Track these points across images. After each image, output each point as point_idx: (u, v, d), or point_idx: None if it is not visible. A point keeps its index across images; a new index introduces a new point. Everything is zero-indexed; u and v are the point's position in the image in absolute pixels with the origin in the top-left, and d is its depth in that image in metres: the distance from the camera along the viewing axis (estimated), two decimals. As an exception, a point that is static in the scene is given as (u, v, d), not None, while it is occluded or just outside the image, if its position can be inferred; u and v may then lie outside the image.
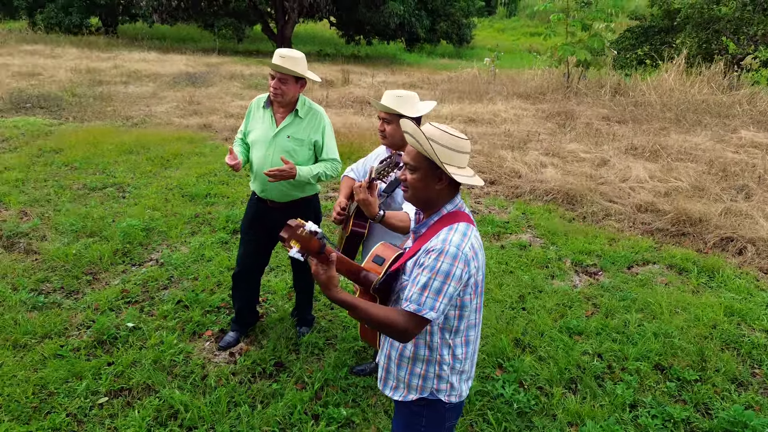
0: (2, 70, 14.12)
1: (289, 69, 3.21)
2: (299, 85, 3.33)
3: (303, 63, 3.28)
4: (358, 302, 1.90)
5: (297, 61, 3.23)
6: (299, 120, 3.41)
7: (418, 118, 2.97)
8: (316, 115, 3.46)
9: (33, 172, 6.85)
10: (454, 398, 2.11)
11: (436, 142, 1.95)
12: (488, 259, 5.24)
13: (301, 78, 3.31)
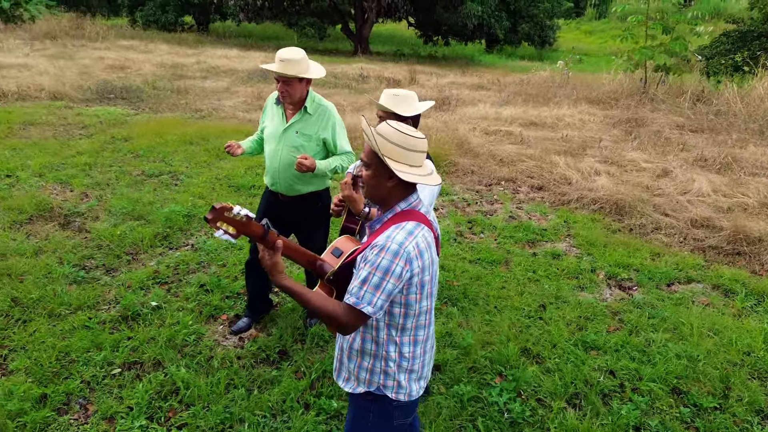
0: (98, 63, 15.28)
1: (289, 74, 3.31)
2: (304, 83, 3.42)
3: (303, 63, 3.36)
4: (301, 290, 1.95)
5: (297, 63, 3.32)
6: (308, 116, 3.51)
7: (414, 117, 2.98)
8: (325, 112, 3.54)
9: (101, 157, 7.40)
10: (403, 396, 2.12)
11: (386, 139, 1.97)
12: (516, 266, 5.13)
13: (303, 78, 3.40)
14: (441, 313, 4.31)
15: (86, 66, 14.82)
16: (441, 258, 5.13)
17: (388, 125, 2.00)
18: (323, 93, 13.83)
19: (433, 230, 2.10)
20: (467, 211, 6.45)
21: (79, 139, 8.24)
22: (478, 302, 4.49)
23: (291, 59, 3.30)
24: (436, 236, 2.16)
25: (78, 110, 10.13)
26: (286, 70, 3.30)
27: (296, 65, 3.31)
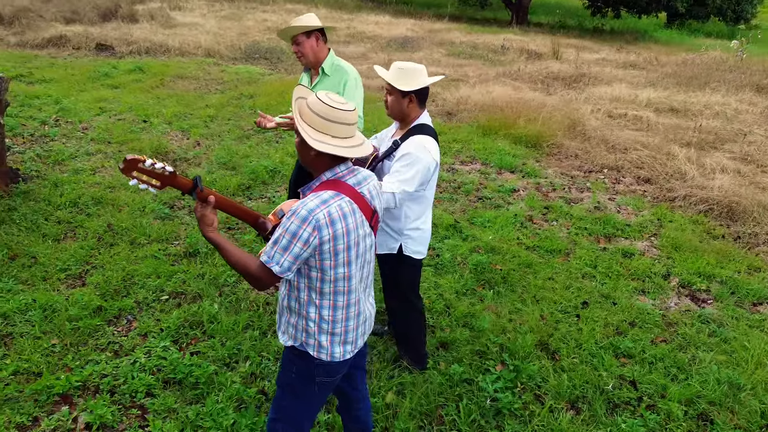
0: (258, 25, 16.60)
1: (286, 31, 3.52)
2: (313, 40, 3.55)
3: (304, 19, 3.53)
4: (224, 244, 2.14)
5: (298, 20, 3.51)
6: (326, 77, 3.64)
7: (419, 92, 2.96)
8: (340, 72, 3.65)
9: (224, 111, 8.21)
10: (324, 356, 2.23)
11: (310, 109, 2.05)
12: (576, 258, 4.85)
13: (312, 32, 3.52)
14: (474, 294, 4.27)
15: (247, 27, 16.20)
16: (493, 240, 5.02)
17: (317, 96, 2.07)
18: (456, 62, 13.71)
19: (364, 202, 2.14)
20: (550, 197, 6.14)
21: (213, 93, 9.18)
22: (516, 289, 4.36)
23: (295, 21, 3.50)
24: (372, 209, 2.20)
25: (223, 67, 11.22)
26: (284, 30, 3.53)
27: (296, 22, 3.50)
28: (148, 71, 10.20)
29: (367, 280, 2.30)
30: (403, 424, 3.05)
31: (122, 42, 12.19)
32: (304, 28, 3.54)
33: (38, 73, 9.46)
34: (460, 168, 6.77)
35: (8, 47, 11.71)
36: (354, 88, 3.65)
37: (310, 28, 3.56)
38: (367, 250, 2.21)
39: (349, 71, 3.65)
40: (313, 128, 2.05)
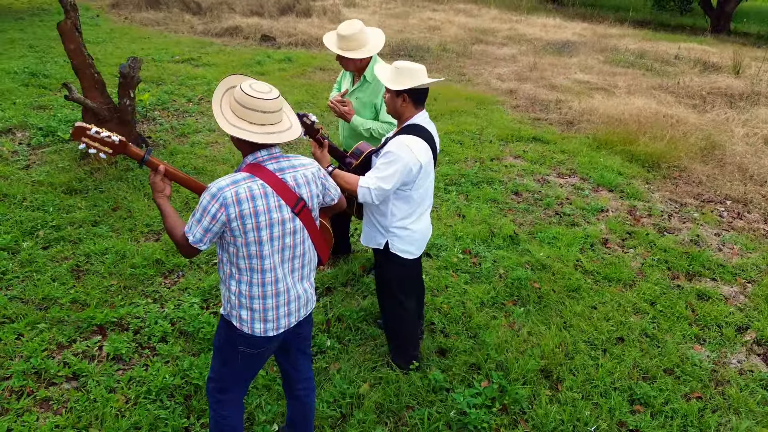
0: (421, 24, 17.03)
1: (336, 51, 3.60)
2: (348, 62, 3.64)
3: (354, 39, 3.54)
4: (165, 211, 2.39)
5: (346, 39, 3.54)
6: (367, 84, 3.73)
7: (413, 93, 2.96)
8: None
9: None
10: (245, 329, 2.41)
11: (234, 98, 2.23)
12: (634, 292, 4.39)
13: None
14: (501, 308, 4.11)
15: (408, 25, 16.73)
16: (548, 257, 4.74)
17: (240, 86, 2.22)
18: (609, 70, 12.77)
19: (285, 188, 2.26)
20: (641, 222, 5.57)
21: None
22: (548, 311, 4.10)
23: (344, 35, 3.54)
24: (296, 196, 2.31)
25: (365, 62, 11.78)
26: (336, 46, 3.60)
27: (346, 41, 3.56)
28: (296, 61, 11.12)
29: (292, 263, 2.41)
30: (364, 414, 3.12)
31: (284, 34, 13.40)
32: (347, 53, 3.63)
33: (206, 58, 10.85)
34: (554, 180, 6.42)
35: (195, 34, 13.55)
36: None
37: (361, 56, 3.60)
38: (288, 234, 2.33)
39: None
40: (235, 115, 2.22)
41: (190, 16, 15.32)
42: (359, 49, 3.60)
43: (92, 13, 15.26)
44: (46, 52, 10.50)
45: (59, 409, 3.10)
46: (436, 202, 5.70)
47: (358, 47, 3.58)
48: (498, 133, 7.66)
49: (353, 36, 3.54)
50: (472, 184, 6.11)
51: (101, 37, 12.25)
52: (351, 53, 3.57)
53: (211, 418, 2.62)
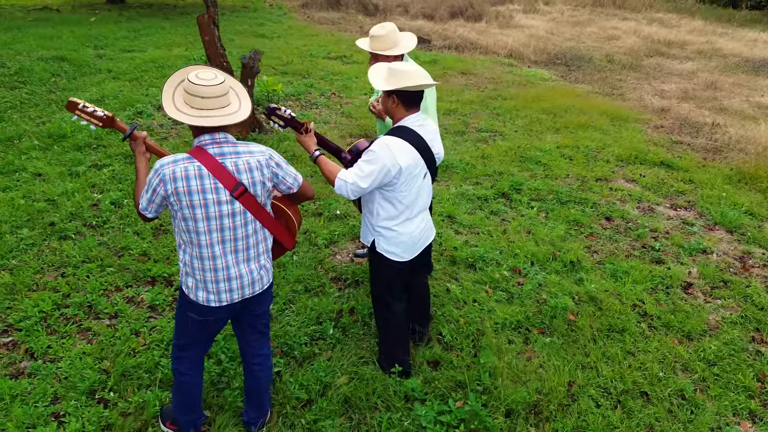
0: (595, 33, 16.02)
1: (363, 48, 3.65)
2: (391, 59, 3.62)
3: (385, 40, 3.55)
4: (139, 175, 2.67)
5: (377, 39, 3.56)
6: None
7: (401, 93, 2.94)
8: None
9: (466, 107, 8.61)
10: (191, 296, 2.64)
11: (182, 86, 2.43)
12: (696, 348, 3.78)
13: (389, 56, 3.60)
14: (523, 334, 3.85)
15: (583, 34, 15.85)
16: (603, 291, 4.28)
17: (188, 75, 2.42)
18: (670, 64, 10.70)
19: (224, 173, 2.42)
20: (750, 272, 4.70)
21: (474, 90, 9.64)
22: (574, 348, 3.73)
23: (375, 36, 3.58)
24: (236, 180, 2.45)
25: (513, 69, 11.48)
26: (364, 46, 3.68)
27: (367, 43, 3.61)
28: (440, 64, 11.25)
29: (234, 244, 2.56)
30: (327, 404, 3.19)
31: (441, 37, 13.59)
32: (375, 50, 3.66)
33: (356, 56, 11.50)
34: (662, 211, 5.70)
35: (360, 34, 14.37)
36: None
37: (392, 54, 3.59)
38: (226, 216, 2.48)
39: None
40: (183, 101, 2.43)
41: (363, 17, 16.28)
42: (390, 48, 3.63)
43: (281, 11, 17.01)
44: (225, 43, 12.01)
45: (91, 339, 3.67)
46: (512, 214, 5.44)
47: (388, 47, 3.62)
48: (619, 153, 6.99)
49: (385, 36, 3.59)
50: (559, 203, 5.70)
51: (277, 33, 13.63)
52: (382, 51, 3.62)
53: (173, 375, 2.91)
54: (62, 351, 3.54)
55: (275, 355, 3.55)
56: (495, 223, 5.29)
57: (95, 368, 3.40)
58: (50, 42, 10.99)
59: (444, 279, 4.40)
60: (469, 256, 4.66)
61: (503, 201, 5.75)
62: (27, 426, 3.00)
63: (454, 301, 4.13)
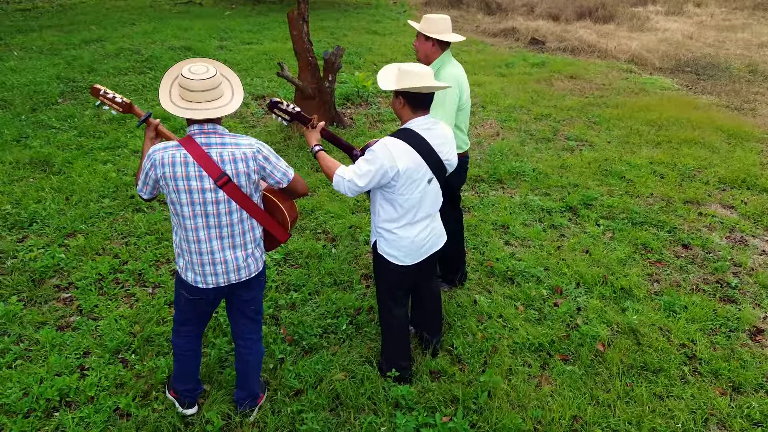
0: (754, 38, 14.22)
1: (412, 25, 3.55)
2: (430, 43, 3.53)
3: (433, 24, 3.45)
4: (143, 158, 2.86)
5: (425, 21, 3.49)
6: None
7: (407, 94, 2.88)
8: (439, 77, 3.56)
9: (559, 113, 8.15)
10: (182, 275, 2.82)
11: (177, 80, 2.57)
12: (738, 405, 3.30)
13: (430, 37, 3.50)
14: (544, 359, 3.61)
15: (727, 39, 14.27)
16: (647, 325, 3.87)
17: (184, 67, 2.54)
18: None
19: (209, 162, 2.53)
20: None
21: (577, 96, 9.08)
22: (595, 381, 3.42)
23: (427, 18, 3.52)
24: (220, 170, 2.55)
25: (631, 75, 10.63)
26: (414, 23, 3.60)
27: (425, 21, 3.53)
28: (548, 67, 10.73)
29: (219, 231, 2.67)
30: (315, 397, 3.24)
31: (557, 39, 12.94)
32: (425, 31, 3.61)
33: (461, 56, 11.35)
34: (757, 244, 4.99)
35: (475, 33, 14.16)
36: (442, 98, 3.57)
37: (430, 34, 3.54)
38: (210, 203, 2.59)
39: (448, 78, 3.57)
40: (178, 95, 2.56)
41: (483, 16, 15.98)
42: (434, 32, 3.53)
43: (401, 9, 17.23)
44: (338, 38, 12.44)
45: (133, 305, 4.03)
46: (574, 231, 5.09)
47: (433, 30, 3.51)
48: (723, 175, 6.23)
49: (439, 20, 3.51)
50: (631, 223, 5.22)
51: (390, 30, 13.84)
52: (432, 33, 3.52)
53: (173, 347, 3.11)
54: (105, 311, 3.93)
55: (284, 342, 3.65)
56: (551, 238, 4.98)
57: (126, 330, 3.73)
58: (183, 33, 12.11)
59: (475, 290, 4.24)
60: (510, 269, 4.44)
61: (569, 215, 5.39)
62: (55, 373, 3.38)
63: (478, 313, 3.97)
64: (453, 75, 3.57)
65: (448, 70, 3.59)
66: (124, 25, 12.96)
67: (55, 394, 3.21)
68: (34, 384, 3.27)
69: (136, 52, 10.33)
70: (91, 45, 10.87)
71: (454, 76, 3.57)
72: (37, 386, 3.24)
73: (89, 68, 9.35)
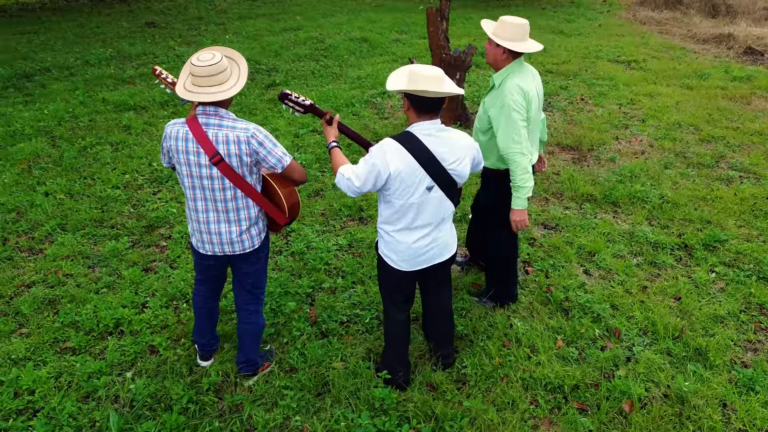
0: None
1: (483, 27, 3.37)
2: (501, 49, 3.31)
3: (507, 29, 3.24)
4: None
5: (501, 25, 3.27)
6: (494, 89, 3.40)
7: (412, 97, 2.79)
8: (502, 91, 3.30)
9: (751, 137, 6.90)
10: (191, 238, 3.17)
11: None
12: None
13: (499, 44, 3.28)
14: (557, 404, 3.25)
15: None
16: (703, 390, 3.22)
17: (195, 54, 2.79)
18: None
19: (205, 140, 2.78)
20: None
21: (765, 117, 7.58)
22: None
23: (502, 21, 3.30)
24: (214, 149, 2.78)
25: None
26: (486, 25, 3.41)
27: (497, 25, 3.32)
28: (753, 82, 9.07)
29: (215, 204, 2.92)
30: (305, 377, 3.36)
31: (783, 49, 10.80)
32: (494, 37, 3.36)
33: (648, 63, 10.17)
34: None
35: (679, 38, 12.53)
36: (498, 113, 3.34)
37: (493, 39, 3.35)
38: (205, 178, 2.85)
39: (506, 96, 3.29)
40: (191, 81, 2.83)
41: (700, 19, 14.02)
42: (502, 39, 3.29)
43: (607, 7, 15.95)
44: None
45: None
46: (675, 273, 4.37)
47: (502, 36, 3.29)
48: None
49: (516, 25, 3.26)
50: (757, 277, 4.29)
51: (579, 31, 12.95)
52: (494, 36, 3.31)
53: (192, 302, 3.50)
54: (183, 263, 4.53)
55: (307, 322, 3.83)
56: (642, 276, 4.34)
57: (189, 282, 4.26)
58: (369, 25, 12.86)
59: (519, 314, 3.93)
60: (569, 300, 4.02)
61: (680, 255, 4.63)
62: (121, 305, 4.02)
63: (510, 338, 3.69)
64: (516, 88, 3.30)
65: (513, 82, 3.31)
66: (324, 15, 14.21)
67: (113, 322, 3.84)
68: (102, 310, 3.95)
69: (320, 41, 11.29)
70: (287, 33, 12.17)
71: (517, 89, 3.30)
72: (104, 312, 3.91)
73: (275, 53, 10.51)
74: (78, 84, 8.86)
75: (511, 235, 3.73)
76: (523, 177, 3.33)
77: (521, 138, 3.30)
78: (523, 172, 3.32)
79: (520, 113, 3.30)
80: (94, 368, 3.44)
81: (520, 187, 3.35)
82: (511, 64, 3.36)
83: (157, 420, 3.09)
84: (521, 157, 3.32)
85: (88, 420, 3.11)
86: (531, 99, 3.36)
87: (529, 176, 3.35)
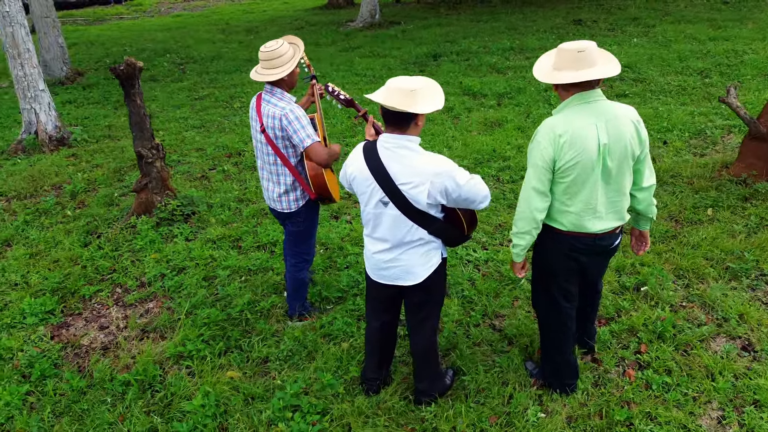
0: None
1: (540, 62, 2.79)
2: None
3: (559, 57, 2.63)
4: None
5: (558, 53, 2.65)
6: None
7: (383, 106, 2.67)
8: (537, 133, 2.74)
9: None
10: None
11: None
12: None
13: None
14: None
15: None
16: None
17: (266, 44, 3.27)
18: None
19: (259, 112, 3.36)
20: None
21: None
22: None
23: (564, 48, 2.65)
24: (261, 121, 3.35)
25: None
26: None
27: (561, 57, 2.64)
28: None
29: (263, 163, 3.53)
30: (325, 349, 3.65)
31: None
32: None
33: None
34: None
35: None
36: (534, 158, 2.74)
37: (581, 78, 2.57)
38: (257, 141, 3.51)
39: (535, 134, 2.73)
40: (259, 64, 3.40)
41: None
42: (542, 70, 2.70)
43: None
44: None
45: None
46: None
47: (556, 66, 2.65)
48: None
49: (566, 51, 2.59)
50: None
51: None
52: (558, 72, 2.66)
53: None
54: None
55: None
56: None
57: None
58: None
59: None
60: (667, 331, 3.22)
61: None
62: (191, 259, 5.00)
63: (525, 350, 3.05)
64: (546, 128, 2.65)
65: (552, 120, 2.66)
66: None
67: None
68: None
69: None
70: (717, 42, 10.37)
71: (547, 129, 2.64)
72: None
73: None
74: (460, 68, 10.10)
75: (548, 299, 3.00)
76: (516, 226, 2.82)
77: (530, 181, 2.69)
78: (518, 220, 2.76)
79: (540, 156, 2.63)
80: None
81: (511, 239, 2.86)
82: (570, 98, 2.64)
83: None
84: (522, 203, 2.74)
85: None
86: (570, 144, 2.57)
87: (526, 233, 2.78)
